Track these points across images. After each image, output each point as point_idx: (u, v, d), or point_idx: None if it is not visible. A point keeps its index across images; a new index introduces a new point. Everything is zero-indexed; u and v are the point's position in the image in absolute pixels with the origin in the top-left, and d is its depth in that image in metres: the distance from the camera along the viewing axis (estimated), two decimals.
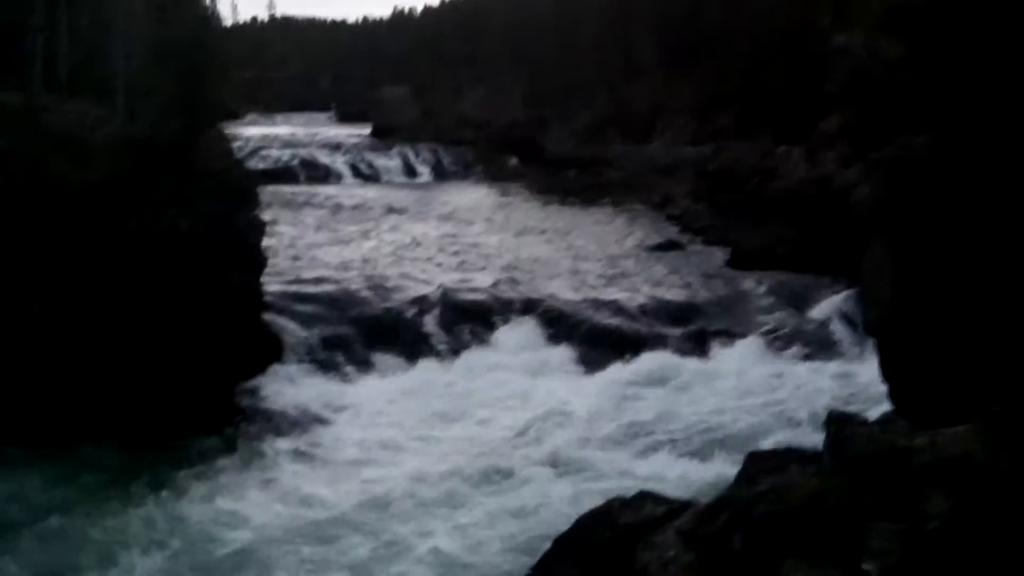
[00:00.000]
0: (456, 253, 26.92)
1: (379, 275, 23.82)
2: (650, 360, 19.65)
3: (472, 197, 37.39)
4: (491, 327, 21.35)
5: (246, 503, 14.22)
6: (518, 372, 19.52)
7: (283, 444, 16.59)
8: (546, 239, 29.38)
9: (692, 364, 19.69)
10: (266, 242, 20.41)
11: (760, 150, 32.76)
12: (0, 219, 16.41)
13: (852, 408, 13.70)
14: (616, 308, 22.23)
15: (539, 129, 49.11)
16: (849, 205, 14.57)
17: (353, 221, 30.97)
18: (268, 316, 20.04)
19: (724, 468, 14.16)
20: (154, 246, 17.65)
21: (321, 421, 17.58)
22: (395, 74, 74.55)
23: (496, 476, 15.06)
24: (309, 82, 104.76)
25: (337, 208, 33.30)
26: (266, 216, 21.29)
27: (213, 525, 13.52)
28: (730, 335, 21.09)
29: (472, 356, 20.36)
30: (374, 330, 20.89)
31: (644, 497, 9.16)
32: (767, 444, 14.56)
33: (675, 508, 8.88)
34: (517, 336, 21.08)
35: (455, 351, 20.53)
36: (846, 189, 18.21)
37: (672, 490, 9.75)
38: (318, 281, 22.96)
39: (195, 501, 14.29)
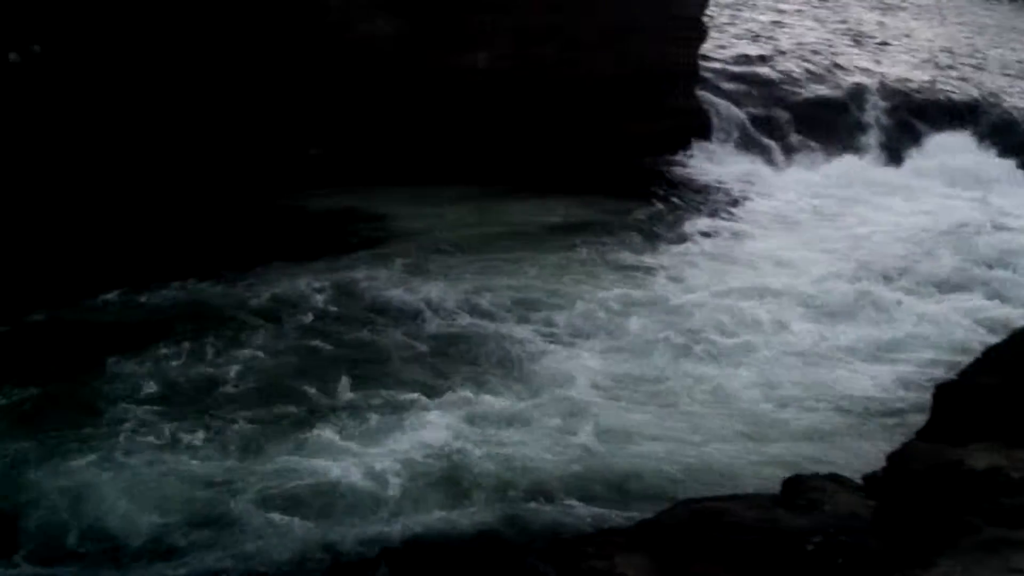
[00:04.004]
0: (896, 45, 25.54)
1: (814, 61, 23.00)
2: None
3: None
4: (928, 126, 20.31)
5: (656, 277, 14.05)
6: (954, 176, 18.59)
7: (701, 220, 16.59)
8: (992, 37, 27.34)
9: None
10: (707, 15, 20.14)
11: None
12: None
13: None
14: None
15: None
16: None
17: (792, 3, 29.94)
18: (700, 91, 19.92)
19: None
20: None
21: (742, 201, 17.45)
22: None
23: (919, 281, 14.49)
24: None
25: None
26: None
27: (621, 296, 13.44)
28: None
29: (907, 156, 19.53)
30: (804, 116, 20.33)
31: None
32: None
33: None
34: (955, 139, 20.00)
35: (887, 148, 19.74)
36: None
37: None
38: (753, 60, 22.46)
39: (611, 265, 14.46)
